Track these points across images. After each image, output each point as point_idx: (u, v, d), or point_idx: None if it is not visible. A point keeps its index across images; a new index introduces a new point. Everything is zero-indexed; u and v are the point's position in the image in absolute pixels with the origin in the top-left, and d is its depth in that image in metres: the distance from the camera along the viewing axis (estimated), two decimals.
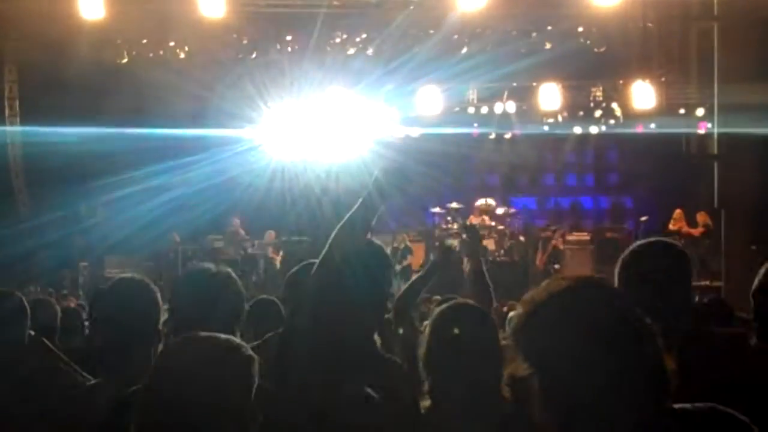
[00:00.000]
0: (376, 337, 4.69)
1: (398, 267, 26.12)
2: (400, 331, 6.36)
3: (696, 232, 24.12)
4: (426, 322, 4.81)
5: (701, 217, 24.37)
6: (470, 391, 4.31)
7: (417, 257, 26.87)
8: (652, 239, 4.55)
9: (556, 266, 25.55)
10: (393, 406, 4.25)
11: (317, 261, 4.55)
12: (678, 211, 25.94)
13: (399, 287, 23.92)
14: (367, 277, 4.47)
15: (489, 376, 4.37)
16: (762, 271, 3.90)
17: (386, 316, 10.69)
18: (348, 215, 4.41)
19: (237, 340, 3.08)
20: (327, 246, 4.48)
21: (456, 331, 4.41)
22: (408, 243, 26.60)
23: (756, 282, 3.90)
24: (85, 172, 27.20)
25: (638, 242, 4.50)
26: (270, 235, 26.74)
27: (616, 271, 4.35)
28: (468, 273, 6.24)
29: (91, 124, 24.87)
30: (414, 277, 24.63)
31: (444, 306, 4.71)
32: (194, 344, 3.02)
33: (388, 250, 23.72)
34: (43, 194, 26.23)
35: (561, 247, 26.27)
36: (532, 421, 2.79)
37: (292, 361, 4.40)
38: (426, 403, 4.38)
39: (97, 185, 27.26)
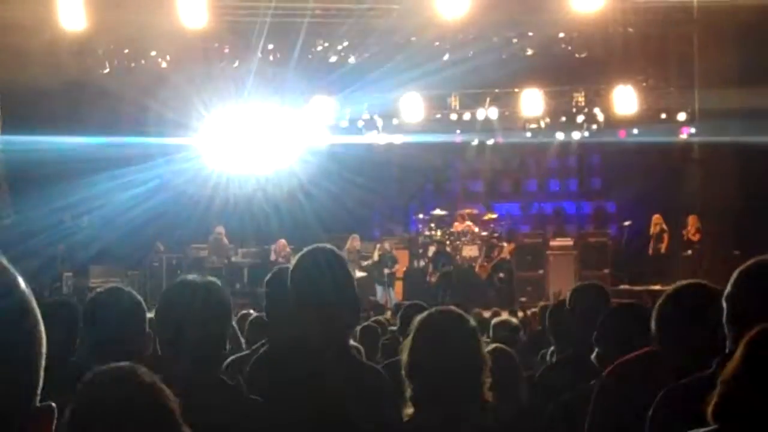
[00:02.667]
0: (355, 344, 4.73)
1: (386, 272, 26.17)
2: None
3: (696, 237, 24.14)
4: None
5: (693, 221, 24.37)
6: (453, 397, 4.33)
7: (401, 265, 26.87)
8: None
9: (501, 275, 25.55)
10: (372, 415, 4.28)
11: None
12: (656, 216, 26.01)
13: (386, 294, 23.78)
14: (336, 282, 4.55)
15: (472, 382, 4.39)
16: (734, 276, 3.92)
17: (369, 323, 10.71)
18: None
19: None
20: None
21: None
22: (393, 251, 26.58)
23: (728, 287, 3.93)
24: (68, 181, 27.17)
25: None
26: (281, 244, 26.46)
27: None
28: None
29: (73, 133, 24.85)
30: (397, 283, 24.34)
31: (426, 312, 4.74)
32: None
33: (375, 257, 23.75)
34: (26, 204, 26.18)
35: (507, 257, 26.28)
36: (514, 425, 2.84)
37: (275, 373, 4.43)
38: (409, 410, 4.40)
39: (80, 194, 27.23)
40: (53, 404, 1.92)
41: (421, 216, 28.79)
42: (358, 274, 25.32)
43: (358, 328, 9.87)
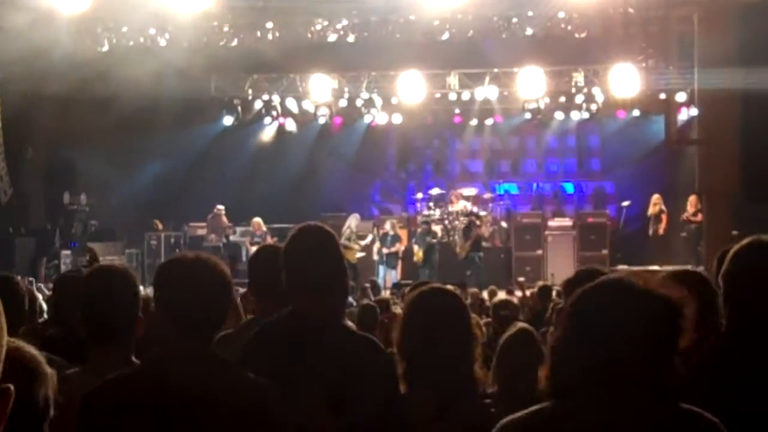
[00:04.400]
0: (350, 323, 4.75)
1: (385, 251, 26.17)
2: None
3: (697, 217, 24.09)
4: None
5: (694, 201, 24.30)
6: (443, 373, 4.34)
7: (401, 244, 26.89)
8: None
9: (481, 254, 25.50)
10: (371, 387, 4.29)
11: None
12: (656, 196, 26.01)
13: (387, 273, 23.80)
14: (326, 261, 4.57)
15: (462, 359, 4.41)
16: (731, 253, 3.92)
17: (366, 302, 10.74)
18: None
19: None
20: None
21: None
22: (397, 230, 26.56)
23: (724, 266, 3.93)
24: (67, 159, 27.21)
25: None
26: (256, 223, 26.40)
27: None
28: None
29: (74, 113, 24.85)
30: (399, 263, 24.39)
31: (417, 290, 4.76)
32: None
33: (376, 234, 23.70)
34: (25, 181, 26.20)
35: (485, 234, 26.27)
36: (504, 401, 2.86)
37: (273, 350, 4.45)
38: (401, 387, 4.42)
39: (80, 172, 27.29)
40: (11, 386, 1.94)
41: (419, 195, 28.82)
42: (358, 254, 25.35)
43: (356, 307, 9.89)
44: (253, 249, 25.79)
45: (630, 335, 2.82)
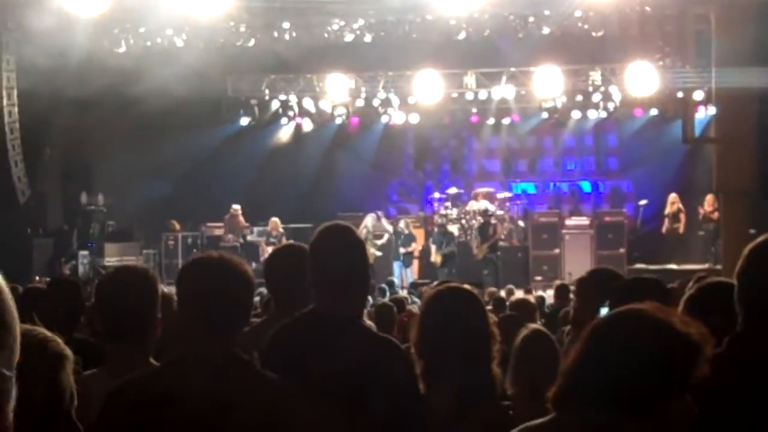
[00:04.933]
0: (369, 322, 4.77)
1: (402, 251, 26.21)
2: None
3: (715, 215, 24.05)
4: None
5: (711, 200, 24.26)
6: (462, 372, 4.35)
7: (418, 243, 26.90)
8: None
9: (498, 253, 25.54)
10: (390, 387, 4.30)
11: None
12: (673, 195, 25.98)
13: (402, 273, 23.85)
14: (351, 260, 4.58)
15: (480, 358, 4.42)
16: (745, 252, 3.88)
17: (384, 300, 10.73)
18: None
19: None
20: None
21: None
22: (412, 230, 26.58)
23: (739, 265, 3.88)
24: (84, 160, 27.30)
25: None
26: (273, 223, 26.47)
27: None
28: None
29: (91, 113, 24.94)
30: (415, 263, 24.40)
31: (434, 289, 4.77)
32: None
33: (392, 233, 23.62)
34: (43, 182, 26.28)
35: (503, 234, 26.28)
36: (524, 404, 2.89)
37: (291, 348, 4.46)
38: (419, 386, 4.43)
39: (97, 173, 27.36)
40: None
41: (436, 195, 28.83)
42: (377, 253, 25.39)
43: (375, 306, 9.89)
44: (269, 249, 25.93)
45: (643, 366, 2.87)
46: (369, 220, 26.07)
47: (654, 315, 2.94)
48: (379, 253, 25.65)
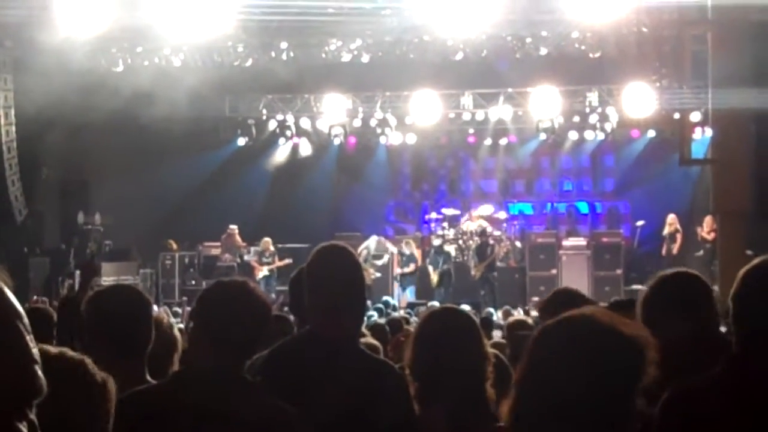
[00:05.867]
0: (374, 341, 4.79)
1: (399, 271, 26.24)
2: None
3: (712, 237, 24.10)
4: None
5: (709, 222, 24.31)
6: (456, 394, 4.35)
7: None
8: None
9: (495, 274, 25.60)
10: (384, 409, 4.30)
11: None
12: (672, 216, 26.01)
13: (403, 293, 23.75)
14: (347, 281, 4.60)
15: (474, 379, 4.41)
16: (740, 275, 3.88)
17: (379, 321, 10.71)
18: None
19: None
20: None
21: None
22: (414, 249, 26.60)
23: (734, 287, 3.88)
24: (81, 179, 27.28)
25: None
26: (266, 243, 26.57)
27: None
28: None
29: (88, 133, 24.94)
30: (414, 284, 24.32)
31: (428, 310, 4.78)
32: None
33: (394, 253, 23.59)
34: (40, 202, 26.26)
35: (500, 255, 26.35)
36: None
37: (286, 369, 4.47)
38: (415, 407, 4.43)
39: (94, 192, 27.34)
40: None
41: (433, 215, 28.86)
42: (376, 274, 25.42)
43: (368, 326, 9.89)
44: (263, 269, 25.96)
45: (587, 373, 2.76)
46: (372, 242, 26.12)
47: (595, 320, 2.85)
48: (378, 274, 25.67)
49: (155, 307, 4.74)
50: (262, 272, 26.07)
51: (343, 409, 4.24)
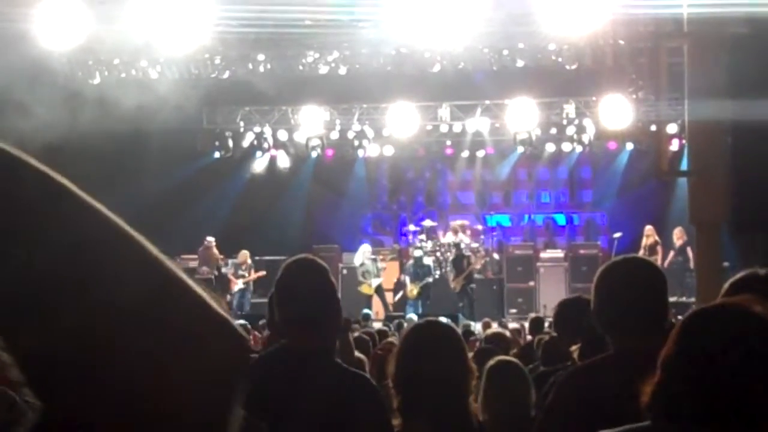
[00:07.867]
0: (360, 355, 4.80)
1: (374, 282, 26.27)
2: None
3: (679, 244, 24.26)
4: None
5: (679, 234, 24.47)
6: (438, 408, 4.33)
7: (391, 276, 26.90)
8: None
9: (473, 286, 25.63)
10: (361, 423, 4.29)
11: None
12: (649, 228, 26.07)
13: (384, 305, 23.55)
14: (317, 293, 4.62)
15: (457, 392, 4.40)
16: (725, 287, 3.91)
17: (360, 334, 10.70)
18: None
19: None
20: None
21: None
22: (378, 263, 26.60)
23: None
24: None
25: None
26: (243, 255, 26.51)
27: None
28: None
29: (63, 143, 24.81)
30: (385, 295, 24.38)
31: (413, 324, 4.77)
32: None
33: (373, 264, 23.52)
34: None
35: (478, 267, 26.36)
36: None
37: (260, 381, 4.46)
38: (396, 421, 4.41)
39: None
40: None
41: (411, 227, 28.86)
42: (379, 279, 25.65)
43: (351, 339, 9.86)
44: (239, 282, 25.90)
45: (745, 362, 2.53)
46: (360, 254, 26.20)
47: (750, 308, 2.61)
48: (380, 279, 25.86)
49: None
50: (237, 285, 26.02)
51: (317, 423, 4.22)
